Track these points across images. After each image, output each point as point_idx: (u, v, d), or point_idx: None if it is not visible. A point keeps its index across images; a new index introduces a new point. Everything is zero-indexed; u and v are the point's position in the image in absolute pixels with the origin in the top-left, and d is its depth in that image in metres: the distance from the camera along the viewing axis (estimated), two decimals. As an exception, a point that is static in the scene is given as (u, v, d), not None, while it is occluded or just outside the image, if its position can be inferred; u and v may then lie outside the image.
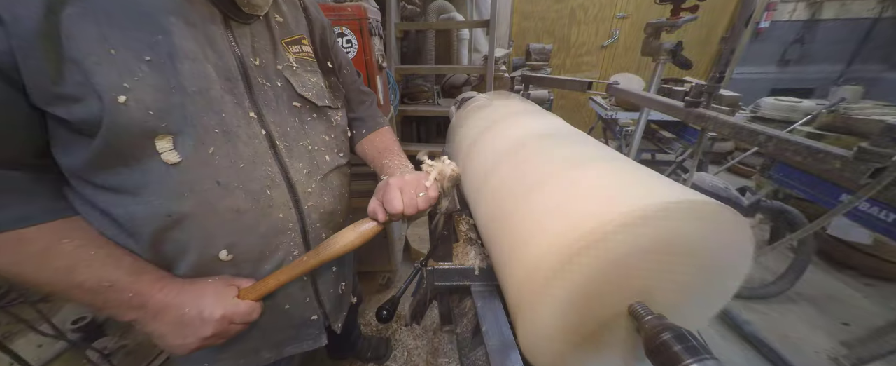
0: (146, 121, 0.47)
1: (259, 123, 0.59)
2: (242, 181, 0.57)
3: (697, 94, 1.14)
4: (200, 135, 0.52)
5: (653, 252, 0.42)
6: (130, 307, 0.52)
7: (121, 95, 0.45)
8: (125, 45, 0.45)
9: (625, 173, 0.51)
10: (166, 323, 0.54)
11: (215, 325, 0.56)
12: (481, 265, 0.71)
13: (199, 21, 0.53)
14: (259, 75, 0.60)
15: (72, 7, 0.42)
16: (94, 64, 0.43)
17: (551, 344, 0.48)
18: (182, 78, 0.49)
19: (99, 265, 0.50)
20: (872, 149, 0.70)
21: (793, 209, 1.80)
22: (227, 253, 0.59)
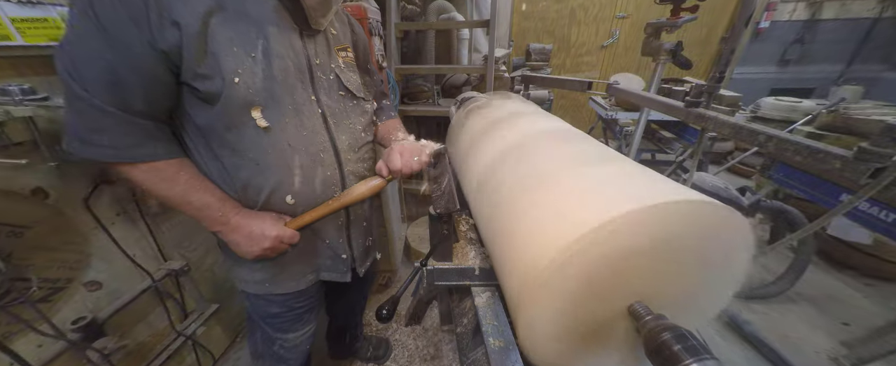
0: (248, 96, 0.69)
1: (317, 104, 0.82)
2: (305, 145, 0.79)
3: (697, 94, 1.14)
4: (281, 109, 0.74)
5: (653, 252, 0.42)
6: (218, 223, 0.76)
7: (235, 77, 0.66)
8: (242, 44, 0.67)
9: (625, 173, 0.51)
10: (240, 235, 0.78)
11: (272, 240, 0.79)
12: (481, 265, 0.71)
13: (287, 30, 0.74)
14: (318, 70, 0.82)
15: (216, 17, 0.64)
16: (223, 56, 0.65)
17: (551, 344, 0.48)
18: (273, 69, 0.71)
19: (202, 192, 0.73)
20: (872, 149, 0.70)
21: (793, 209, 1.79)
22: (291, 197, 0.81)
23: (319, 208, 0.84)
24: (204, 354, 1.51)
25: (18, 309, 0.91)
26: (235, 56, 0.66)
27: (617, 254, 0.41)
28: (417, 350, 1.78)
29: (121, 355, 1.15)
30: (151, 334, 1.31)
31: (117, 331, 1.17)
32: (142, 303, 1.24)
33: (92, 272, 1.11)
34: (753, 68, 4.61)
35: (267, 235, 0.78)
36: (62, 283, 1.04)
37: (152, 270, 1.24)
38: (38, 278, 0.97)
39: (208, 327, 1.51)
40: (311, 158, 0.81)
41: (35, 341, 0.97)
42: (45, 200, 0.97)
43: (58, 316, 1.01)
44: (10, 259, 0.91)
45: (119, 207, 1.17)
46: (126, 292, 1.19)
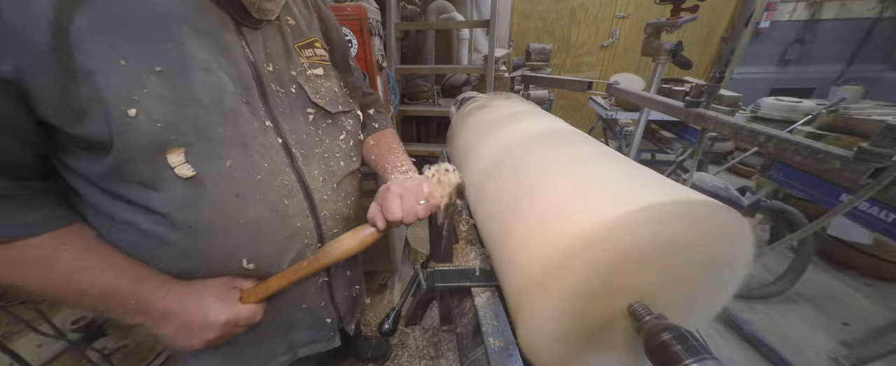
0: (154, 133, 0.46)
1: (275, 131, 0.59)
2: (261, 192, 0.57)
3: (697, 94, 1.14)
4: (216, 147, 0.51)
5: (653, 252, 0.42)
6: (135, 313, 0.53)
7: (130, 108, 0.44)
8: (135, 55, 0.44)
9: (625, 173, 0.51)
10: (172, 327, 0.55)
11: (219, 329, 0.57)
12: (482, 266, 0.71)
13: (212, 28, 0.51)
14: (272, 82, 0.59)
15: (82, 15, 0.41)
16: (104, 76, 0.42)
17: (551, 343, 0.48)
18: (195, 88, 0.48)
19: (99, 272, 0.50)
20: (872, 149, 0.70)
21: (793, 209, 1.79)
22: (247, 262, 0.60)
23: (287, 273, 0.63)
24: (204, 354, 1.51)
25: (18, 309, 0.91)
26: (125, 74, 0.43)
27: (617, 254, 0.41)
28: (417, 350, 1.78)
29: (121, 355, 1.15)
30: (151, 334, 1.31)
31: (117, 331, 1.17)
32: (142, 303, 1.24)
33: (92, 272, 1.11)
34: (753, 68, 4.61)
35: (212, 324, 0.56)
36: (62, 283, 1.04)
37: (152, 270, 1.24)
38: (38, 278, 0.97)
39: (208, 327, 1.51)
40: (271, 207, 0.59)
41: (35, 341, 0.97)
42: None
43: (58, 316, 1.01)
44: (10, 259, 0.91)
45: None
46: (126, 292, 1.19)
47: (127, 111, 0.44)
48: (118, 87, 0.43)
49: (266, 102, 0.58)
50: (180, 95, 0.47)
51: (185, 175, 0.49)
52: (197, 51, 0.49)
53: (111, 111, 0.43)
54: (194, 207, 0.52)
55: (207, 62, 0.50)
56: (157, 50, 0.46)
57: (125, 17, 0.44)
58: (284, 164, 0.60)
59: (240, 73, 0.54)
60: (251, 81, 0.56)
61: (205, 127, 0.50)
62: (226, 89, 0.52)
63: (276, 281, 0.62)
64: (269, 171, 0.58)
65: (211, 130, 0.50)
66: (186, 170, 0.49)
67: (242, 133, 0.54)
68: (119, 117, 0.43)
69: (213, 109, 0.50)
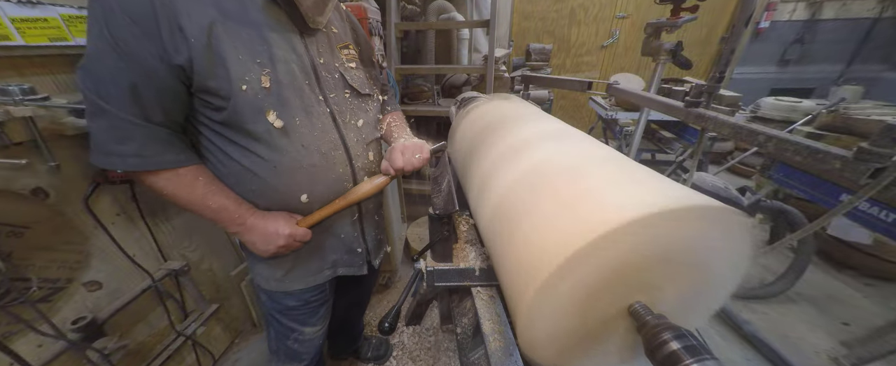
0: (256, 101, 0.71)
1: (325, 103, 0.84)
2: (317, 144, 0.81)
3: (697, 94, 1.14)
4: (291, 111, 0.76)
5: (653, 253, 0.42)
6: (235, 224, 0.79)
7: (242, 85, 0.69)
8: (246, 52, 0.70)
9: (625, 174, 0.51)
10: (256, 235, 0.81)
11: (285, 238, 0.82)
12: (481, 266, 0.71)
13: (287, 34, 0.77)
14: (323, 70, 0.84)
15: (219, 27, 0.66)
16: (230, 65, 0.67)
17: (551, 344, 0.48)
18: (278, 73, 0.73)
19: (219, 195, 0.77)
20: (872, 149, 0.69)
21: (793, 209, 1.79)
22: (306, 197, 0.84)
23: (328, 207, 0.87)
24: (204, 354, 1.51)
25: (18, 309, 0.91)
26: (241, 64, 0.68)
27: (617, 255, 0.41)
28: (417, 350, 1.78)
29: (121, 355, 1.15)
30: (151, 334, 1.31)
31: (117, 331, 1.17)
32: (142, 303, 1.24)
33: (92, 272, 1.11)
34: (753, 68, 4.61)
35: (281, 234, 0.81)
36: (62, 283, 1.04)
37: (152, 270, 1.24)
38: (38, 278, 0.97)
39: (208, 327, 1.51)
40: (324, 156, 0.83)
41: (35, 341, 0.97)
42: (45, 200, 0.97)
43: (58, 316, 1.01)
44: (10, 259, 0.91)
45: (119, 207, 1.17)
46: (126, 292, 1.19)
47: (241, 87, 0.69)
48: (237, 72, 0.68)
49: (320, 83, 0.83)
50: (271, 78, 0.72)
51: (276, 127, 0.74)
52: (279, 49, 0.74)
53: (233, 86, 0.68)
54: (277, 150, 0.77)
55: (285, 57, 0.75)
56: (258, 49, 0.71)
57: (240, 28, 0.69)
58: (332, 127, 0.84)
59: (303, 64, 0.79)
60: (310, 69, 0.80)
61: (285, 98, 0.75)
62: (295, 73, 0.76)
63: (320, 213, 0.86)
64: (322, 130, 0.82)
65: (288, 100, 0.75)
66: (277, 123, 0.74)
67: (306, 103, 0.79)
68: (237, 91, 0.69)
69: (290, 86, 0.75)
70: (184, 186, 0.73)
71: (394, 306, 0.77)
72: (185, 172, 0.73)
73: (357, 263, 1.04)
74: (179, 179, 0.73)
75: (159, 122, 0.68)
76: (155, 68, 0.63)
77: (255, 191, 0.81)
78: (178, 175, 0.73)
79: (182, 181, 0.73)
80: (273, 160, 0.77)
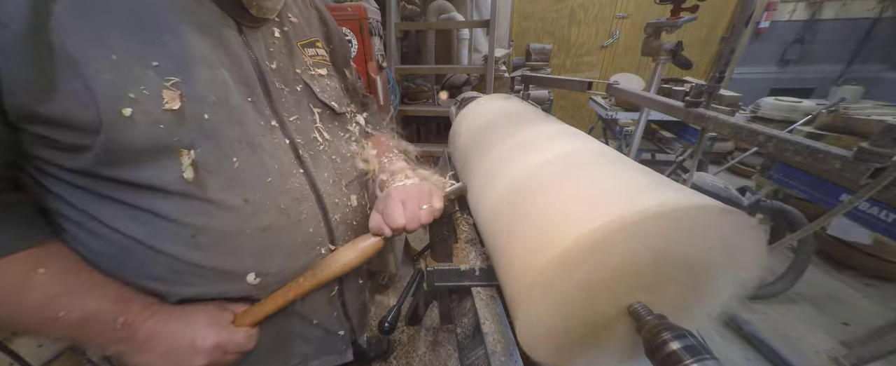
0: (157, 134, 0.42)
1: (281, 131, 0.55)
2: (271, 196, 0.52)
3: (697, 94, 1.14)
4: (222, 146, 0.47)
5: (653, 253, 0.42)
6: (116, 340, 0.46)
7: (125, 107, 0.39)
8: (129, 48, 0.40)
9: (626, 174, 0.51)
10: (155, 354, 0.48)
11: (208, 354, 0.50)
12: (481, 266, 0.71)
13: (212, 23, 0.48)
14: (276, 80, 0.56)
15: (60, 6, 0.37)
16: (93, 70, 0.38)
17: (551, 344, 0.48)
18: (196, 85, 0.44)
19: (82, 294, 0.44)
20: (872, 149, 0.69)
21: (793, 209, 1.79)
22: (254, 277, 0.54)
23: (286, 290, 0.57)
24: (204, 354, 1.51)
25: (18, 309, 0.91)
26: (119, 72, 0.39)
27: (618, 255, 0.41)
28: (417, 350, 1.78)
29: (121, 355, 1.15)
30: None
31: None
32: (142, 303, 1.24)
33: (92, 272, 1.11)
34: (753, 68, 4.61)
35: (199, 348, 0.50)
36: (62, 283, 1.04)
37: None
38: (38, 278, 0.97)
39: (208, 327, 1.51)
40: (283, 213, 0.54)
41: (35, 341, 0.97)
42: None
43: (58, 316, 1.01)
44: (10, 259, 0.91)
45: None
46: (126, 292, 1.19)
47: (121, 111, 0.39)
48: (110, 83, 0.39)
49: (270, 101, 0.54)
50: (184, 93, 0.43)
51: (188, 178, 0.45)
52: (198, 44, 0.46)
53: (101, 111, 0.38)
54: (199, 210, 0.47)
55: (209, 57, 0.47)
56: (155, 43, 0.42)
57: (116, 9, 0.40)
58: (294, 165, 0.56)
59: (242, 71, 0.51)
60: (254, 79, 0.52)
61: (211, 126, 0.46)
62: (228, 86, 0.48)
63: (272, 301, 0.56)
64: (278, 173, 0.53)
65: (216, 129, 0.46)
66: (190, 172, 0.45)
67: (249, 133, 0.50)
68: (112, 119, 0.39)
69: (218, 106, 0.46)
70: (6, 288, 0.41)
71: (394, 306, 0.77)
72: (5, 266, 0.41)
73: (338, 349, 0.73)
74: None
75: None
76: None
77: (160, 276, 0.50)
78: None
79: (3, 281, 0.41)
80: (192, 227, 0.47)
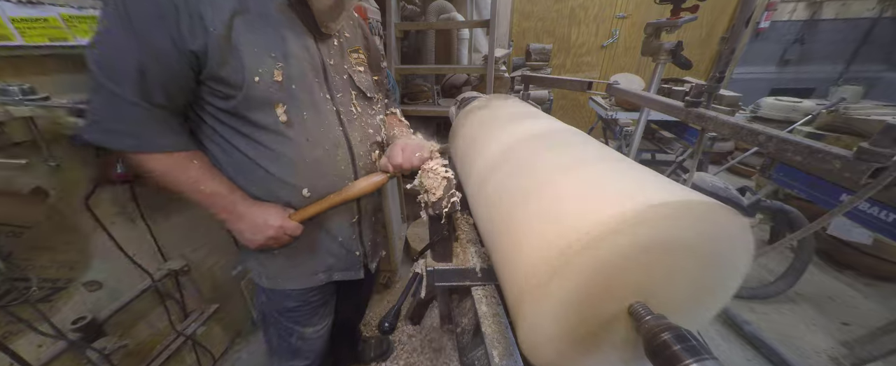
0: (268, 94, 0.73)
1: (331, 102, 0.86)
2: (321, 140, 0.83)
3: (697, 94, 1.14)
4: (299, 106, 0.79)
5: (652, 252, 0.42)
6: (225, 210, 0.79)
7: (256, 77, 0.71)
8: (262, 45, 0.72)
9: (624, 174, 0.51)
10: (245, 224, 0.81)
11: (275, 230, 0.81)
12: (482, 265, 0.71)
13: (302, 35, 0.79)
14: (332, 71, 0.86)
15: (239, 19, 0.69)
16: (246, 57, 0.70)
17: (551, 344, 0.48)
18: (291, 69, 0.76)
19: (212, 181, 0.77)
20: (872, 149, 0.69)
21: (793, 209, 1.80)
22: (307, 191, 0.85)
23: (322, 202, 0.86)
24: (204, 354, 1.51)
25: (18, 309, 0.90)
26: (256, 57, 0.71)
27: (617, 255, 0.41)
28: (417, 350, 1.78)
29: (121, 355, 1.15)
30: (151, 334, 1.31)
31: (117, 331, 1.16)
32: (142, 303, 1.24)
33: (92, 272, 1.11)
34: (753, 68, 4.61)
35: (270, 225, 0.81)
36: (62, 283, 1.04)
37: (152, 270, 1.24)
38: (38, 277, 0.97)
39: (208, 327, 1.51)
40: (327, 152, 0.85)
41: (35, 341, 0.97)
42: (45, 200, 0.96)
43: (58, 316, 1.01)
44: (10, 259, 0.90)
45: (119, 207, 1.17)
46: (126, 292, 1.19)
47: (254, 79, 0.71)
48: (252, 64, 0.71)
49: (328, 83, 0.85)
50: (284, 73, 0.75)
51: (282, 121, 0.77)
52: (293, 46, 0.77)
53: (245, 77, 0.70)
54: (284, 142, 0.78)
55: (298, 54, 0.77)
56: (274, 44, 0.74)
57: (259, 22, 0.72)
58: (336, 124, 0.86)
59: (314, 63, 0.82)
60: (320, 69, 0.83)
61: (295, 93, 0.77)
62: (305, 71, 0.79)
63: (313, 208, 0.85)
64: (327, 126, 0.84)
65: (298, 96, 0.78)
66: (284, 117, 0.77)
67: (314, 100, 0.81)
68: (249, 82, 0.71)
69: (300, 82, 0.78)
70: (177, 168, 0.74)
71: (394, 306, 0.77)
72: (179, 156, 0.74)
73: (354, 267, 1.03)
74: (173, 161, 0.73)
75: (160, 104, 0.69)
76: (165, 51, 0.64)
77: (257, 181, 0.82)
78: (172, 158, 0.73)
79: (176, 163, 0.73)
80: (278, 151, 0.79)
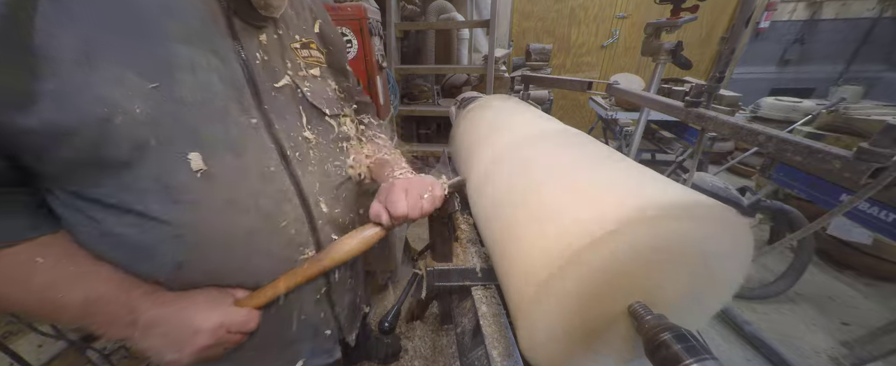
0: (136, 132, 0.42)
1: (268, 132, 0.55)
2: (254, 197, 0.53)
3: (697, 94, 1.14)
4: (204, 147, 0.47)
5: (652, 252, 0.42)
6: (121, 324, 0.48)
7: (102, 107, 0.39)
8: (111, 52, 0.40)
9: (624, 174, 0.51)
10: (159, 336, 0.50)
11: (211, 334, 0.51)
12: (482, 265, 0.71)
13: (201, 26, 0.48)
14: (267, 79, 0.56)
15: (44, 4, 0.36)
16: (75, 72, 0.38)
17: (551, 344, 0.48)
18: (178, 87, 0.45)
19: (83, 280, 0.46)
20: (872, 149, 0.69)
21: (793, 209, 1.80)
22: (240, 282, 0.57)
23: (286, 277, 0.59)
24: (204, 354, 1.51)
25: (18, 309, 0.91)
26: (100, 69, 0.39)
27: (617, 255, 0.41)
28: (417, 350, 1.78)
29: (121, 354, 1.15)
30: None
31: (117, 331, 1.17)
32: (142, 303, 1.24)
33: (92, 272, 1.11)
34: (753, 68, 4.61)
35: (203, 328, 0.51)
36: (62, 283, 1.04)
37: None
38: (38, 278, 0.97)
39: (208, 327, 1.51)
40: (265, 216, 0.55)
41: (35, 341, 0.97)
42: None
43: (58, 316, 1.01)
44: (10, 259, 0.91)
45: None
46: (126, 292, 1.19)
47: (100, 111, 0.39)
48: (91, 81, 0.39)
49: (259, 102, 0.54)
50: (163, 96, 0.43)
51: (169, 176, 0.46)
52: (182, 46, 0.45)
53: (79, 105, 0.39)
54: (179, 213, 0.48)
55: (195, 59, 0.47)
56: (138, 46, 0.42)
57: (101, 10, 0.40)
58: (279, 167, 0.56)
59: (230, 71, 0.51)
60: (242, 79, 0.52)
61: (191, 127, 0.46)
62: (212, 87, 0.48)
63: (273, 286, 0.58)
64: (260, 174, 0.54)
65: (196, 130, 0.47)
66: (173, 170, 0.46)
67: (231, 135, 0.50)
68: (92, 117, 0.39)
69: (201, 107, 0.47)
70: (8, 278, 0.43)
71: (393, 306, 0.77)
72: (11, 254, 0.43)
73: (326, 348, 0.75)
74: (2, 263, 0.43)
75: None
76: None
77: (149, 275, 0.51)
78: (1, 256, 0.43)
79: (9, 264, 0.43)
80: (177, 227, 0.48)
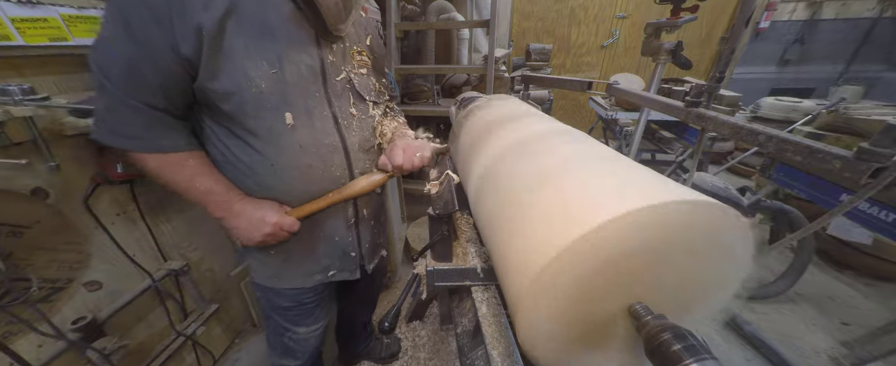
0: (260, 98, 0.73)
1: (328, 106, 0.84)
2: (316, 146, 0.83)
3: (697, 94, 1.14)
4: (293, 111, 0.77)
5: (652, 252, 0.42)
6: (221, 208, 0.80)
7: (248, 81, 0.70)
8: (255, 48, 0.70)
9: (624, 173, 0.51)
10: (242, 221, 0.81)
11: (271, 226, 0.82)
12: (482, 265, 0.71)
13: (303, 35, 0.77)
14: (332, 73, 0.84)
15: (232, 21, 0.67)
16: (237, 60, 0.69)
17: (551, 344, 0.48)
18: (285, 73, 0.74)
19: (208, 179, 0.78)
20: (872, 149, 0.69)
21: (793, 209, 1.79)
22: (298, 197, 0.85)
23: (319, 200, 0.87)
24: (204, 354, 1.51)
25: (18, 309, 0.90)
26: (249, 59, 0.70)
27: (617, 254, 0.41)
28: (417, 350, 1.78)
29: (121, 355, 1.15)
30: (151, 334, 1.31)
31: (117, 331, 1.16)
32: (142, 303, 1.24)
33: (92, 272, 1.11)
34: (753, 68, 4.61)
35: (267, 221, 0.81)
36: (62, 283, 1.04)
37: (152, 270, 1.24)
38: (38, 278, 0.97)
39: (208, 327, 1.51)
40: (322, 158, 0.84)
41: (35, 341, 0.97)
42: (45, 200, 0.96)
43: (58, 316, 1.01)
44: (10, 259, 0.91)
45: (119, 207, 1.17)
46: (126, 292, 1.19)
47: (246, 83, 0.70)
48: (243, 66, 0.69)
49: (326, 86, 0.83)
50: (277, 77, 0.73)
51: (274, 126, 0.76)
52: (291, 50, 0.75)
53: (238, 82, 0.69)
54: (275, 148, 0.78)
55: (295, 58, 0.76)
56: (268, 47, 0.72)
57: (253, 24, 0.69)
58: (333, 129, 0.85)
59: (313, 66, 0.79)
60: (319, 72, 0.81)
61: (289, 98, 0.76)
62: (302, 75, 0.77)
63: (310, 206, 0.87)
64: (322, 131, 0.83)
65: (291, 101, 0.76)
66: (275, 122, 0.76)
67: (309, 105, 0.80)
68: (242, 86, 0.70)
69: (295, 86, 0.76)
70: (173, 166, 0.75)
71: (393, 306, 0.77)
72: (178, 155, 0.75)
73: (350, 267, 1.03)
74: (170, 160, 0.74)
75: (162, 107, 0.70)
76: (163, 56, 0.65)
77: (250, 187, 0.82)
78: (170, 157, 0.74)
79: (173, 162, 0.74)
80: (270, 157, 0.78)
